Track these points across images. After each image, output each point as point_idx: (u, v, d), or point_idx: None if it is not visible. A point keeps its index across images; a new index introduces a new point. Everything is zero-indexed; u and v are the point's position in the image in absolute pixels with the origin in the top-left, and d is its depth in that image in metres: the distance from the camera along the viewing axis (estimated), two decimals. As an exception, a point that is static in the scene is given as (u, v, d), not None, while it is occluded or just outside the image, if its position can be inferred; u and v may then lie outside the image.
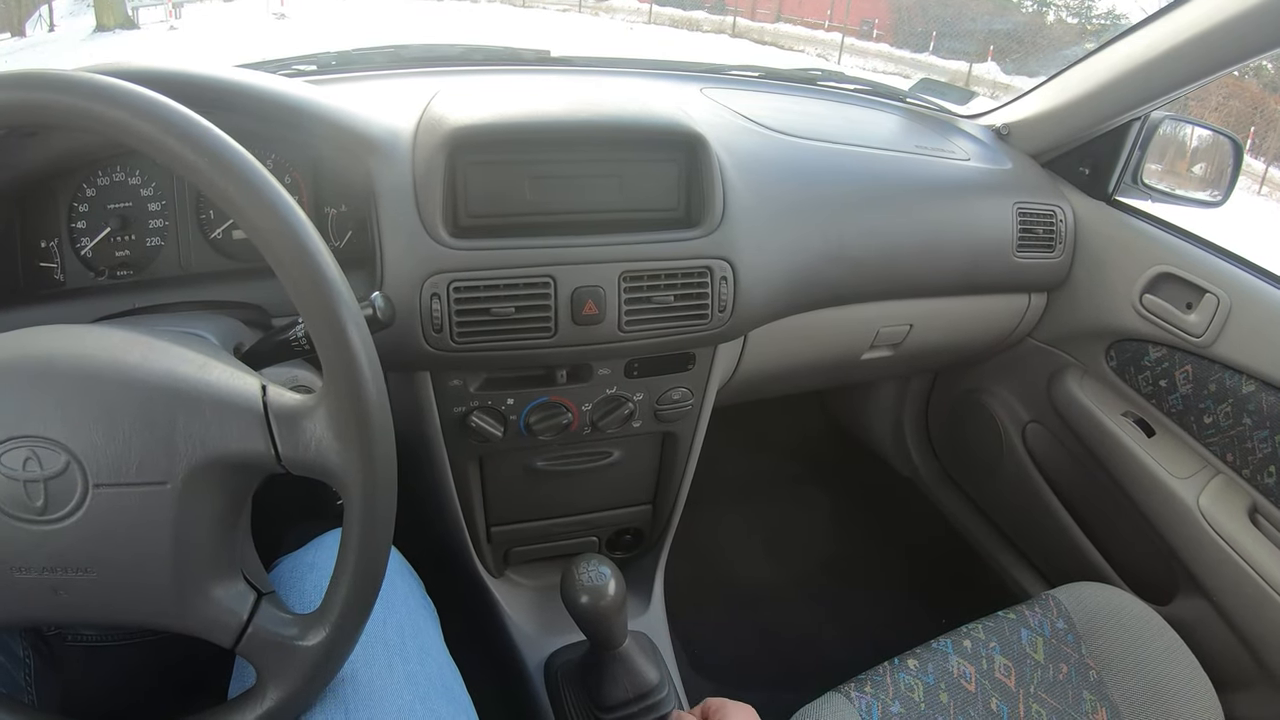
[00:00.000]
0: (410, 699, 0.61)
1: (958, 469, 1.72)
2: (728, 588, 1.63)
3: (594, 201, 0.89)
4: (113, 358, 0.50)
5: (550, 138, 0.86)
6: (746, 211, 0.95)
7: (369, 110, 0.87)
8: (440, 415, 0.92)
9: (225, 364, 0.53)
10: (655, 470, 1.10)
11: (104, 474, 0.48)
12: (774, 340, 1.08)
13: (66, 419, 0.48)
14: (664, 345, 0.93)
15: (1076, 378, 1.33)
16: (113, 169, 0.84)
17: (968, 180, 1.21)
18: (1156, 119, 1.24)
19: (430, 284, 0.82)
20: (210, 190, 0.48)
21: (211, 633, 0.53)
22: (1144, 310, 1.21)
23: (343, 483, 0.50)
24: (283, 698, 0.54)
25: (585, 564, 0.82)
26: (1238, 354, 1.11)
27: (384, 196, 0.83)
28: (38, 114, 0.47)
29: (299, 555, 0.73)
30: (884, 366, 1.36)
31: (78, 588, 0.50)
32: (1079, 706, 0.89)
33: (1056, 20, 14.49)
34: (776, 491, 1.88)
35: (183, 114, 0.48)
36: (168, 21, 11.19)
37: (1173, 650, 0.95)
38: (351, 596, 0.52)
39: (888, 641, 1.02)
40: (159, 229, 0.86)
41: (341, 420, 0.49)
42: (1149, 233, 1.22)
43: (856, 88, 1.42)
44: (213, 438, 0.49)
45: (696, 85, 1.27)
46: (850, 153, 1.15)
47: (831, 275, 1.07)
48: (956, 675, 0.89)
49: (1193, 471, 1.17)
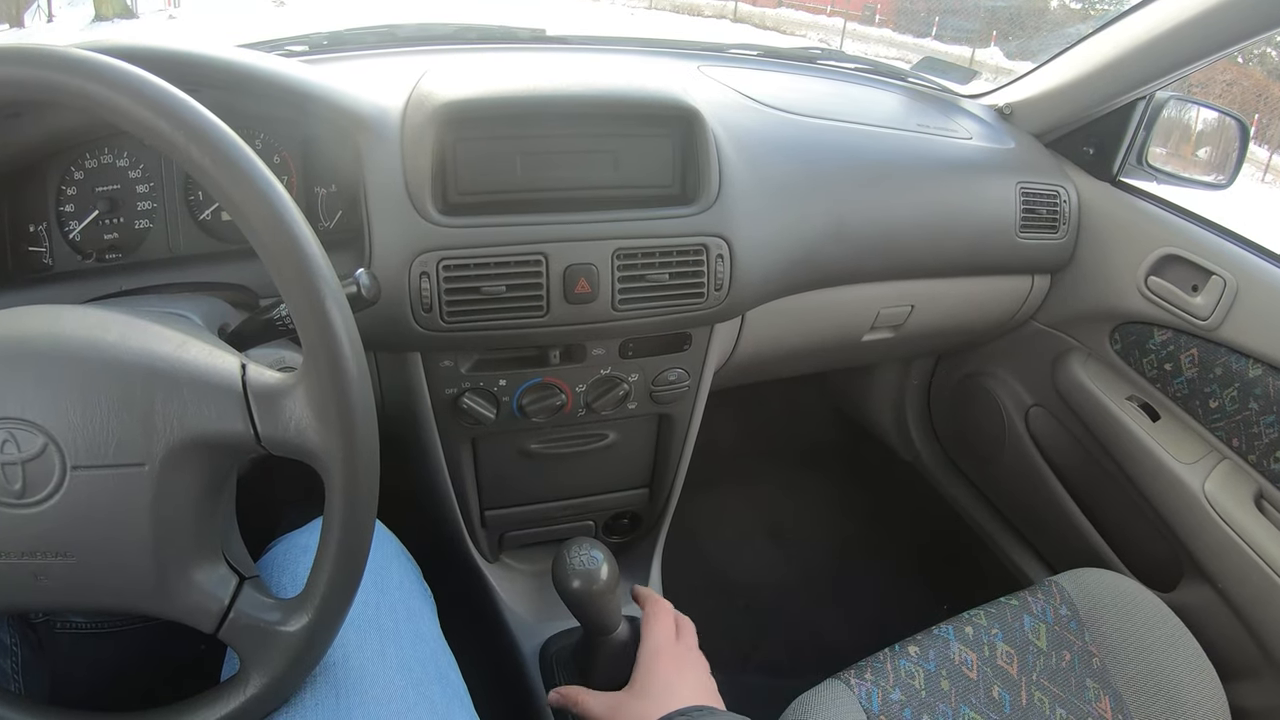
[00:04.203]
0: (403, 684, 0.61)
1: (960, 453, 1.71)
2: (726, 572, 1.62)
3: (587, 178, 0.88)
4: (90, 337, 0.49)
5: (542, 113, 0.85)
6: (744, 189, 0.93)
7: (358, 88, 0.85)
8: (431, 397, 0.91)
9: (205, 343, 0.52)
10: (652, 453, 1.09)
11: (82, 456, 0.47)
12: (772, 321, 1.06)
13: (44, 400, 0.47)
14: (659, 325, 0.91)
15: (1080, 361, 1.32)
16: (100, 151, 0.82)
17: (970, 159, 1.19)
18: (1161, 99, 1.22)
19: (419, 262, 0.80)
20: (187, 164, 0.46)
21: (193, 617, 0.52)
22: (1149, 292, 1.19)
23: (323, 464, 0.49)
24: (265, 684, 0.53)
25: (577, 547, 0.80)
26: (1244, 337, 1.10)
27: (372, 174, 0.81)
28: (16, 90, 0.46)
29: (295, 537, 0.73)
30: (885, 349, 1.34)
31: (58, 573, 0.49)
32: (1082, 694, 0.88)
33: (1059, 4, 14.41)
34: (775, 476, 1.87)
35: (159, 86, 0.46)
36: (167, 10, 11.14)
37: (1177, 637, 0.94)
38: (334, 581, 0.51)
39: (889, 628, 1.01)
40: (147, 211, 0.85)
41: (321, 399, 0.48)
42: (1154, 214, 1.20)
43: (857, 66, 1.40)
44: (191, 417, 0.48)
45: (694, 63, 1.25)
46: (851, 130, 1.13)
47: (831, 254, 1.05)
48: (958, 662, 0.88)
49: (1198, 457, 1.16)
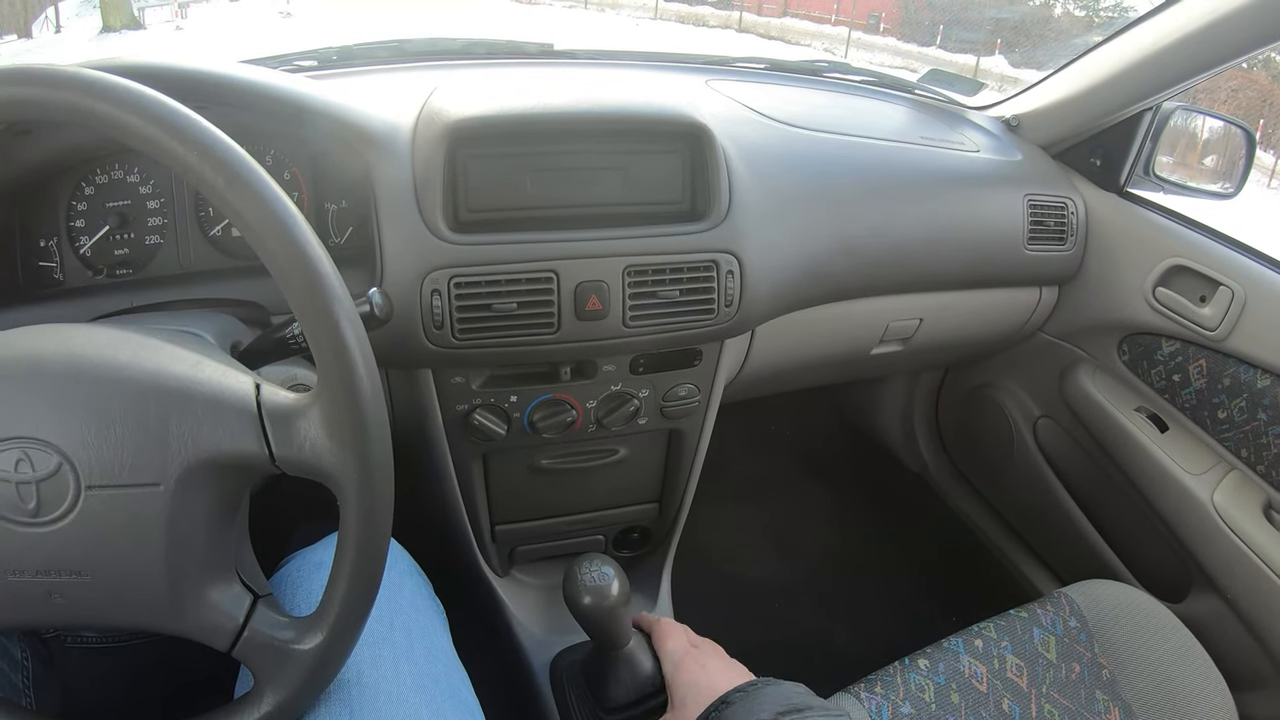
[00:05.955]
0: (418, 702, 0.60)
1: (968, 465, 1.70)
2: (736, 586, 1.62)
3: (597, 195, 0.88)
4: (104, 357, 0.49)
5: (552, 130, 0.85)
6: (753, 204, 0.94)
7: (368, 104, 0.86)
8: (443, 413, 0.91)
9: (219, 362, 0.52)
10: (662, 468, 1.09)
11: (96, 475, 0.47)
12: (781, 335, 1.07)
13: (58, 419, 0.47)
14: (669, 341, 0.91)
15: (1088, 372, 1.32)
16: (111, 167, 0.83)
17: (977, 172, 1.19)
18: (1168, 110, 1.22)
19: (431, 280, 0.81)
20: (201, 184, 0.47)
21: (207, 636, 0.52)
22: (1157, 303, 1.19)
23: (338, 484, 0.49)
24: (279, 702, 0.53)
25: (588, 564, 0.80)
26: (1252, 347, 1.10)
27: (383, 191, 0.82)
28: (28, 109, 0.46)
29: (308, 553, 0.72)
30: (894, 361, 1.34)
31: (72, 591, 0.49)
32: (1092, 706, 0.88)
33: (1064, 13, 14.41)
34: (785, 489, 1.87)
35: (170, 106, 0.47)
36: (174, 21, 11.23)
37: (1186, 649, 0.94)
38: (348, 599, 0.51)
39: (898, 640, 1.01)
40: (158, 227, 0.85)
41: (336, 419, 0.48)
42: (1162, 225, 1.20)
43: (863, 79, 1.41)
44: (205, 437, 0.48)
45: (702, 77, 1.26)
46: (858, 144, 1.13)
47: (840, 269, 1.05)
48: (968, 675, 0.87)
49: (1207, 467, 1.15)
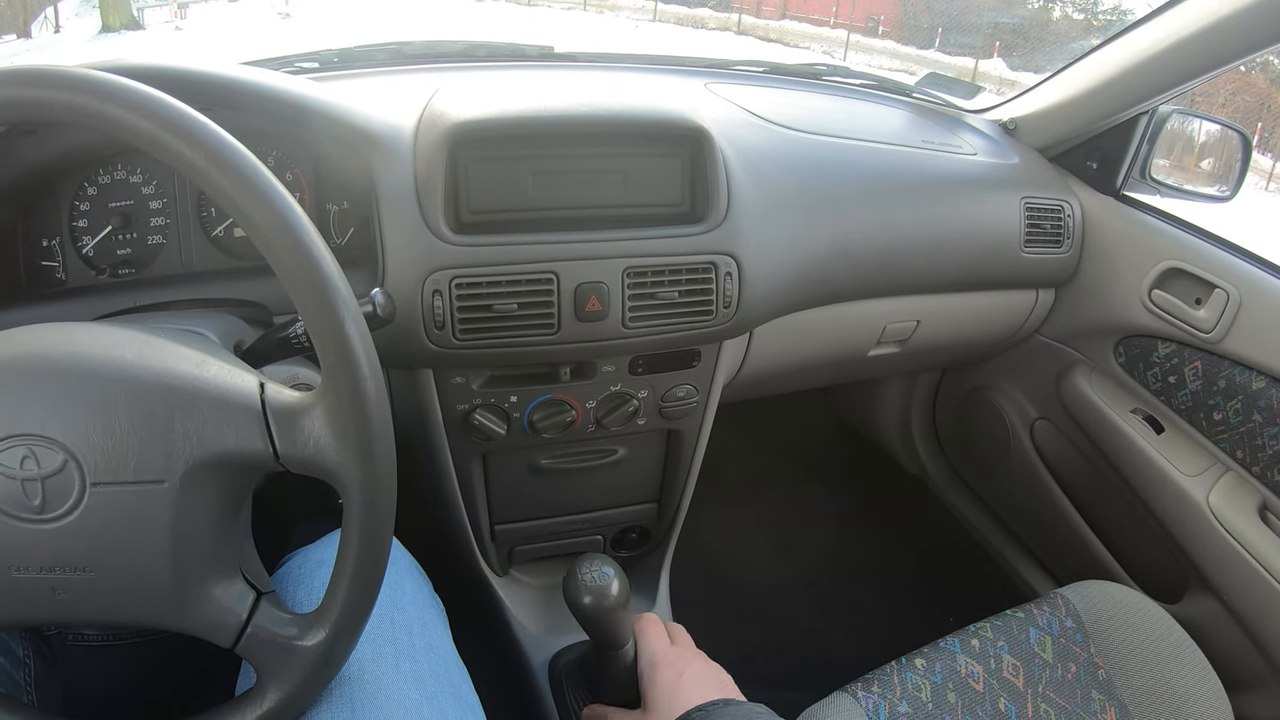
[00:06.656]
0: (418, 699, 0.61)
1: (965, 466, 1.71)
2: (734, 586, 1.62)
3: (597, 197, 0.88)
4: (109, 355, 0.50)
5: (553, 133, 0.86)
6: (752, 207, 0.94)
7: (370, 106, 0.86)
8: (443, 413, 0.92)
9: (223, 361, 0.53)
10: (660, 468, 1.09)
11: (101, 472, 0.48)
12: (780, 336, 1.07)
13: (63, 417, 0.48)
14: (668, 342, 0.92)
15: (1085, 374, 1.32)
16: (114, 167, 0.83)
17: (975, 175, 1.20)
18: (1164, 113, 1.23)
19: (432, 280, 0.81)
20: (206, 186, 0.47)
21: (211, 633, 0.53)
22: (1153, 306, 1.19)
23: (342, 481, 0.50)
24: (282, 698, 0.53)
25: (588, 563, 0.81)
26: (1248, 350, 1.10)
27: (385, 193, 0.82)
28: (34, 110, 0.47)
29: (309, 551, 0.73)
30: (891, 363, 1.35)
31: (76, 587, 0.49)
32: (1088, 706, 0.88)
33: (1062, 16, 14.43)
34: (782, 489, 1.88)
35: (178, 109, 0.47)
36: (173, 22, 11.24)
37: (1182, 649, 0.94)
38: (351, 597, 0.52)
39: (895, 640, 1.01)
40: (160, 227, 0.85)
41: (340, 418, 0.49)
42: (1158, 228, 1.21)
43: (862, 83, 1.41)
44: (210, 436, 0.49)
45: (701, 80, 1.26)
46: (856, 148, 1.14)
47: (838, 271, 1.06)
48: (964, 675, 0.88)
49: (1202, 469, 1.16)
